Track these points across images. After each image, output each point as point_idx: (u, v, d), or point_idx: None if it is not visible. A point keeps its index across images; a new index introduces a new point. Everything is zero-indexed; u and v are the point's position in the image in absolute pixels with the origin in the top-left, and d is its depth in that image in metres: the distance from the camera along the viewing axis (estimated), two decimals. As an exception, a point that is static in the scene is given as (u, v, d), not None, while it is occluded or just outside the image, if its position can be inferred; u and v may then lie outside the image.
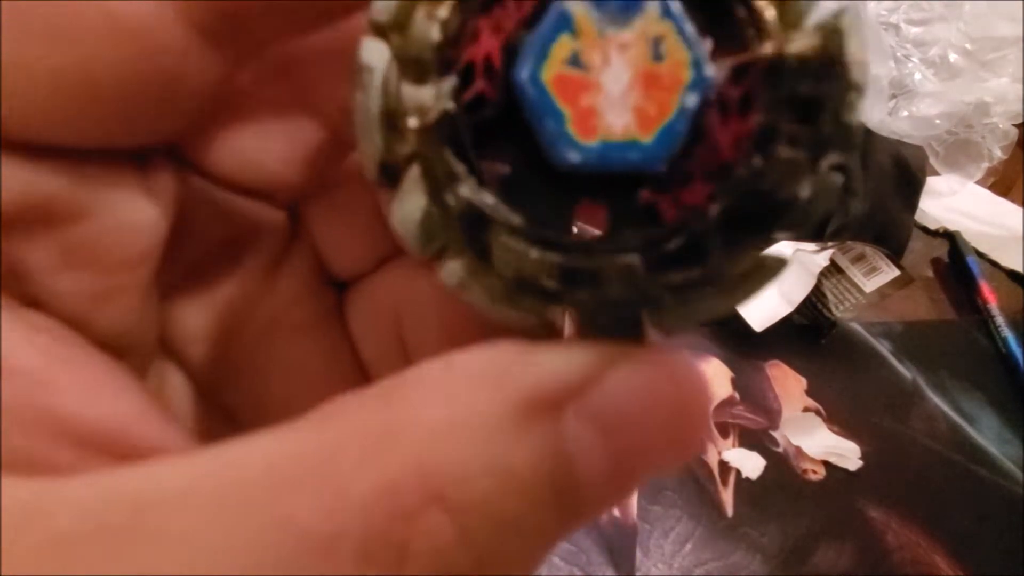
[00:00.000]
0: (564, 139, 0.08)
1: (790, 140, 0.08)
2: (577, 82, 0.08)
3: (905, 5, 0.55)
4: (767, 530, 0.33)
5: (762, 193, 0.08)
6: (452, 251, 0.09)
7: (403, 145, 0.08)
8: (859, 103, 0.08)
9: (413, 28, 0.08)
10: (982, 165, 0.55)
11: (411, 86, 0.08)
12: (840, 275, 0.43)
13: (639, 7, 0.08)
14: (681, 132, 0.08)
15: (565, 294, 0.09)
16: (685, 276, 0.09)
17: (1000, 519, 0.34)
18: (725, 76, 0.08)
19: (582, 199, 0.09)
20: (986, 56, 0.54)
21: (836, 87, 0.08)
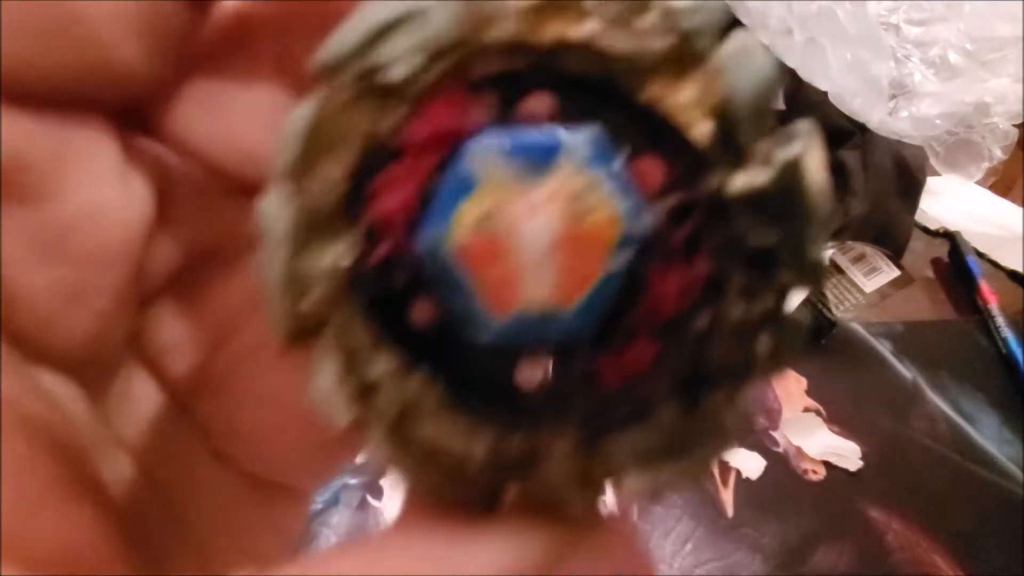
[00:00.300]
0: (475, 315, 0.07)
1: (743, 291, 0.07)
2: (488, 248, 0.07)
3: (905, 5, 0.55)
4: (767, 530, 0.33)
5: (710, 355, 0.07)
6: (371, 426, 0.08)
7: (308, 310, 0.08)
8: (823, 235, 0.07)
9: (309, 189, 0.07)
10: (982, 165, 0.55)
11: (314, 246, 0.07)
12: (840, 275, 0.43)
13: (555, 157, 0.07)
14: (608, 297, 0.07)
15: (501, 467, 0.08)
16: (635, 444, 0.08)
17: (1000, 519, 0.34)
18: (666, 217, 0.07)
19: (524, 355, 0.08)
20: (986, 56, 0.54)
21: (794, 226, 0.07)
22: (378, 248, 0.07)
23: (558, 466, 0.08)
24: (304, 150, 0.07)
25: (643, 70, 0.07)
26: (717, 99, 0.07)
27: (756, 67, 0.07)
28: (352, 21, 0.07)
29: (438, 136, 0.07)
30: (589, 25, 0.07)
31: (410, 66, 0.07)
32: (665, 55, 0.07)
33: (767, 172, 0.07)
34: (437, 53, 0.07)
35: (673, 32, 0.07)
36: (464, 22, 0.07)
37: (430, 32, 0.07)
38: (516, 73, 0.07)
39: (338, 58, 0.07)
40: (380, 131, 0.07)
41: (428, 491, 0.08)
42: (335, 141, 0.07)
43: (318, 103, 0.07)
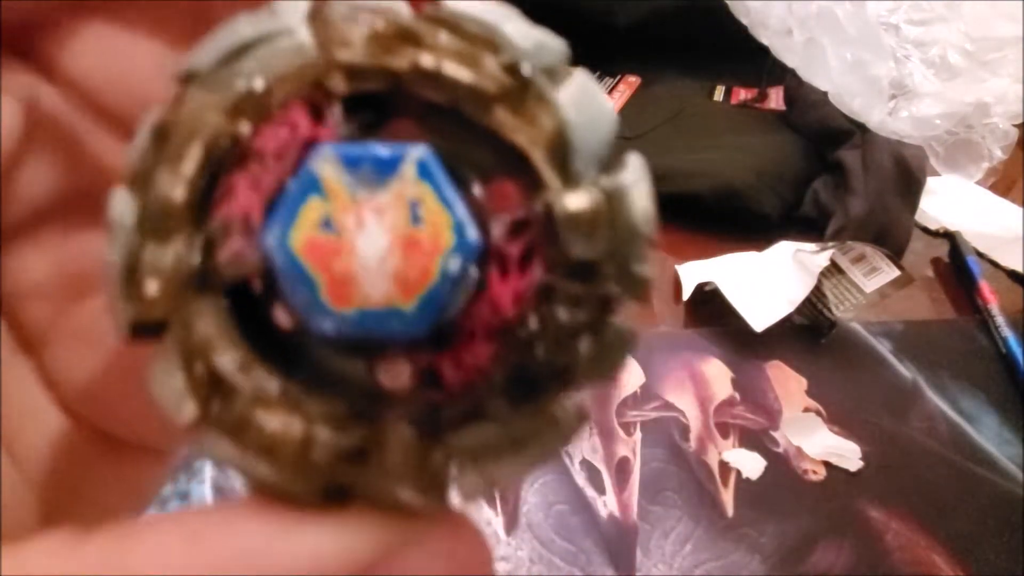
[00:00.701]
0: (317, 307, 0.08)
1: (571, 300, 0.08)
2: (330, 247, 0.08)
3: (905, 5, 0.55)
4: (767, 530, 0.33)
5: (541, 357, 0.08)
6: (213, 423, 0.08)
7: (148, 308, 0.08)
8: (646, 252, 0.08)
9: (156, 185, 0.08)
10: (982, 165, 0.55)
11: (153, 247, 0.08)
12: (840, 275, 0.43)
13: (394, 169, 0.08)
14: (445, 297, 0.08)
15: (344, 466, 0.08)
16: (474, 440, 0.08)
17: (1000, 519, 0.34)
18: (504, 230, 0.08)
19: (378, 356, 0.08)
20: (986, 56, 0.54)
21: (618, 244, 0.08)
22: (226, 246, 0.08)
23: (395, 458, 0.08)
24: (154, 150, 0.08)
25: (487, 100, 0.08)
26: (553, 130, 0.08)
27: (591, 105, 0.08)
28: (213, 38, 0.08)
29: (288, 145, 0.08)
30: (435, 57, 0.08)
31: (263, 81, 0.08)
32: (507, 88, 0.08)
33: (595, 196, 0.08)
34: (288, 71, 0.08)
35: (512, 71, 0.08)
36: (314, 45, 0.08)
37: (280, 52, 0.08)
38: (378, 94, 0.08)
39: (198, 69, 0.08)
40: (230, 138, 0.08)
41: (265, 487, 0.08)
42: (179, 146, 0.08)
43: (171, 107, 0.08)
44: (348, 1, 0.08)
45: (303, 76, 0.08)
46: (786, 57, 0.60)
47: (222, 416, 0.08)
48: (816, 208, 0.53)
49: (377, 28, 0.08)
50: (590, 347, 0.08)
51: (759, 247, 0.47)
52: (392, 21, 0.08)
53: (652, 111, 0.66)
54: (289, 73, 0.08)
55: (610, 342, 0.08)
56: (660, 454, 0.37)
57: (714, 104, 0.68)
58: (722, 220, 0.52)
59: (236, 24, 0.08)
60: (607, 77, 0.73)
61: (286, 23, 0.08)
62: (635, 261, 0.08)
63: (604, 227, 0.08)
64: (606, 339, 0.08)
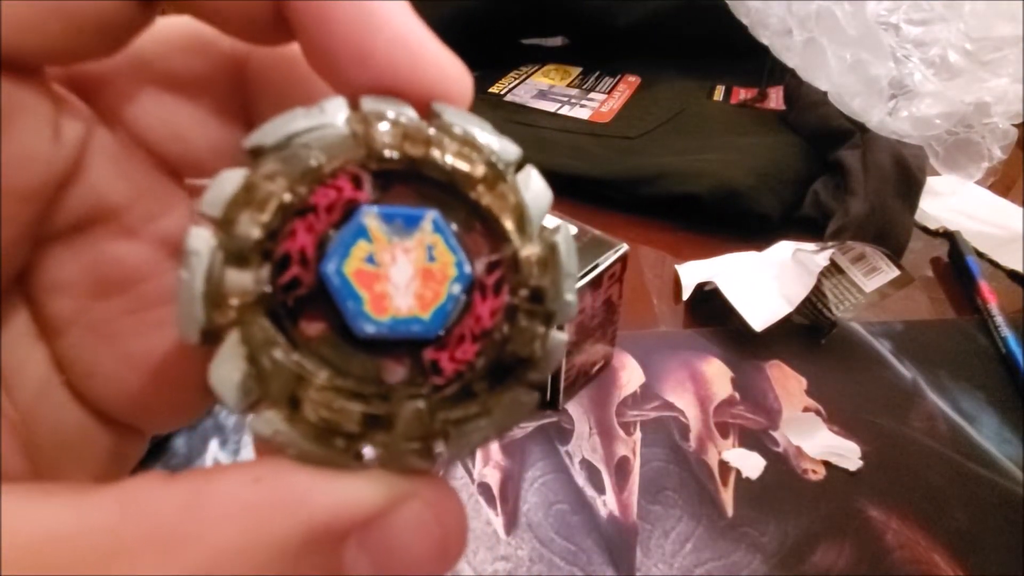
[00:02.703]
0: (362, 316, 0.11)
1: (528, 314, 0.12)
2: (372, 274, 0.11)
3: (905, 5, 0.55)
4: (767, 530, 0.33)
5: (510, 352, 0.12)
6: (266, 404, 0.11)
7: (222, 317, 0.10)
8: (573, 286, 0.12)
9: (238, 227, 0.11)
10: (982, 165, 0.55)
11: (234, 271, 0.10)
12: (840, 275, 0.43)
13: (417, 224, 0.11)
14: (451, 311, 0.11)
15: (367, 435, 0.11)
16: (462, 413, 0.11)
17: (999, 518, 0.34)
18: (484, 268, 0.12)
19: (387, 356, 0.11)
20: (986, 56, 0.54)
21: (555, 279, 0.12)
22: (288, 271, 0.11)
23: (407, 426, 0.11)
24: (235, 201, 0.11)
25: (473, 181, 0.12)
26: (515, 203, 0.12)
27: (537, 188, 0.12)
28: (275, 121, 0.11)
29: (335, 203, 0.11)
30: (441, 152, 0.12)
31: (321, 159, 0.11)
32: (486, 175, 0.12)
33: (541, 246, 0.12)
34: (338, 153, 0.11)
35: (490, 164, 0.12)
36: (355, 136, 0.11)
37: (331, 138, 0.11)
38: (397, 171, 0.11)
39: (263, 144, 0.11)
40: (294, 196, 0.11)
41: (307, 456, 0.10)
42: (261, 200, 0.11)
43: (248, 171, 0.11)
44: (372, 103, 0.11)
45: (349, 157, 0.11)
46: (786, 57, 0.60)
47: (280, 398, 0.11)
48: (816, 208, 0.53)
49: (403, 129, 0.11)
50: (540, 346, 0.12)
51: (759, 247, 0.47)
52: (411, 124, 0.11)
53: (652, 111, 0.66)
54: (338, 154, 0.11)
55: (552, 345, 0.12)
56: (660, 454, 0.37)
57: (714, 104, 0.68)
58: (722, 220, 0.52)
59: (295, 115, 0.11)
60: (607, 77, 0.73)
61: (332, 119, 0.11)
62: (566, 291, 0.12)
63: (548, 267, 0.12)
64: (549, 343, 0.12)
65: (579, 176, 0.55)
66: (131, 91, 0.13)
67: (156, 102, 0.13)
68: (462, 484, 0.35)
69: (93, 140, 0.13)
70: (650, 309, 0.47)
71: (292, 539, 0.09)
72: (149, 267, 0.14)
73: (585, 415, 0.38)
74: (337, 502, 0.10)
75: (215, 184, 0.11)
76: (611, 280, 0.36)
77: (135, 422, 0.14)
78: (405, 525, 0.11)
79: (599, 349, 0.39)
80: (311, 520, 0.10)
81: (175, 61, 0.13)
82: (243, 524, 0.09)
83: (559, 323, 0.12)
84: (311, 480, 0.10)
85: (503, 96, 0.69)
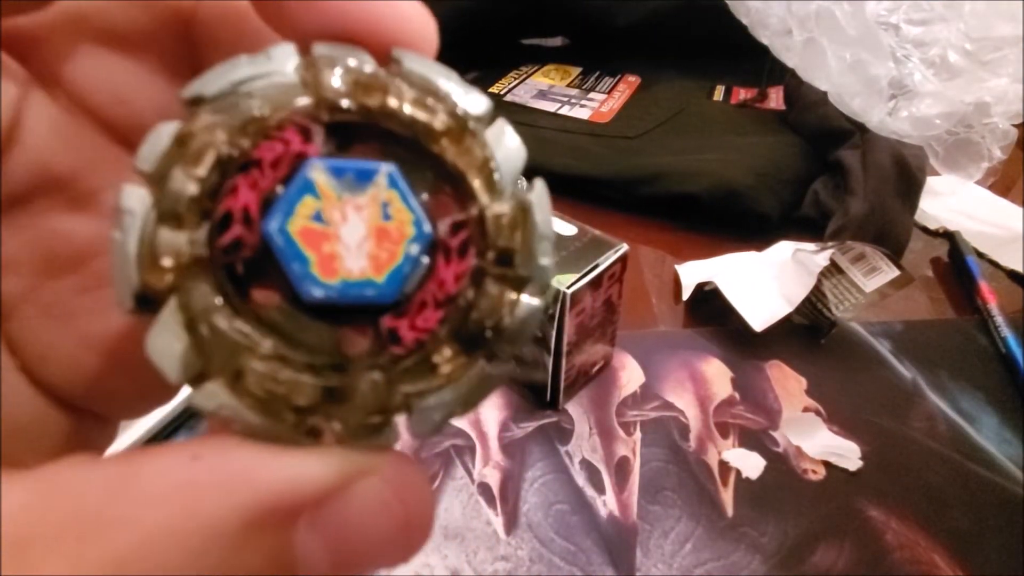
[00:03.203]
0: (308, 278, 0.10)
1: (496, 278, 0.11)
2: (320, 233, 0.10)
3: (905, 5, 0.55)
4: (767, 530, 0.33)
5: (475, 319, 0.11)
6: (209, 376, 0.10)
7: (158, 279, 0.10)
8: (549, 249, 0.11)
9: (171, 183, 0.10)
10: (982, 165, 0.55)
11: (168, 230, 0.10)
12: (840, 275, 0.43)
13: (371, 179, 0.10)
14: (408, 273, 0.10)
15: (320, 409, 0.10)
16: (424, 385, 0.10)
17: (1000, 519, 0.34)
18: (448, 229, 0.11)
19: (348, 326, 0.10)
20: (986, 56, 0.54)
21: (528, 241, 0.11)
22: (228, 231, 0.10)
23: (366, 398, 0.10)
24: (168, 155, 0.10)
25: (436, 135, 0.11)
26: (482, 159, 0.11)
27: (509, 142, 0.11)
28: (217, 71, 0.10)
29: (282, 157, 0.10)
30: (399, 101, 0.11)
31: (265, 109, 0.10)
32: (450, 127, 0.11)
33: (512, 205, 0.11)
34: (284, 102, 0.10)
35: (453, 115, 0.11)
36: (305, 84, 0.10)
37: (278, 87, 0.10)
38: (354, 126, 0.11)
39: (204, 94, 0.10)
40: (235, 149, 0.10)
41: (255, 432, 0.10)
42: (196, 153, 0.10)
43: (187, 122, 0.10)
44: (325, 49, 0.10)
45: (296, 107, 0.10)
46: (786, 57, 0.60)
47: (222, 368, 0.10)
48: (816, 208, 0.53)
49: (355, 75, 0.10)
50: (509, 315, 0.11)
51: (759, 247, 0.47)
52: (366, 71, 0.11)
53: (652, 111, 0.66)
54: (285, 104, 0.10)
55: (523, 313, 0.11)
56: (660, 454, 0.37)
57: (714, 104, 0.68)
58: (722, 220, 0.52)
59: (238, 62, 0.10)
60: (607, 77, 0.73)
61: (279, 66, 0.10)
62: (541, 254, 0.11)
63: (519, 228, 0.11)
64: (519, 311, 0.11)
65: (579, 176, 0.55)
66: (69, 49, 0.12)
67: (96, 61, 0.12)
68: (462, 484, 0.35)
69: (30, 104, 0.12)
70: (650, 309, 0.47)
71: (231, 520, 0.09)
72: (101, 242, 0.12)
73: (585, 415, 0.38)
74: (284, 479, 0.09)
75: (149, 138, 0.10)
76: (611, 280, 0.36)
77: (95, 407, 0.13)
78: (361, 504, 0.10)
79: (599, 349, 0.39)
80: (254, 499, 0.09)
81: (115, 15, 0.12)
82: (176, 505, 0.08)
83: (533, 290, 0.11)
84: (255, 456, 0.09)
85: (503, 96, 0.69)
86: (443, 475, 0.35)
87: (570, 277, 0.33)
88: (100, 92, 0.12)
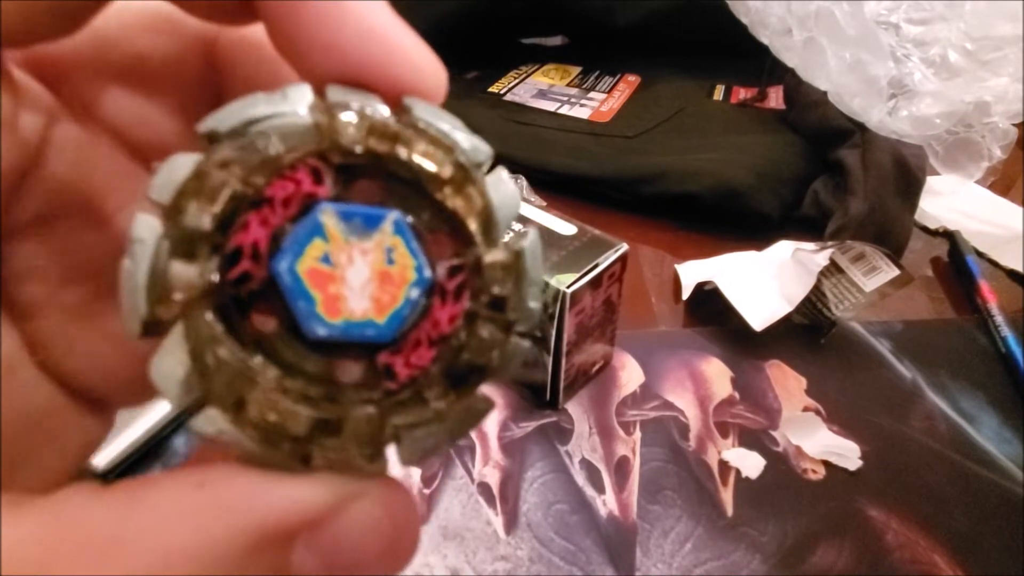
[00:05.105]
0: (313, 317, 0.10)
1: (489, 321, 0.11)
2: (326, 275, 0.10)
3: (905, 5, 0.55)
4: (767, 529, 0.33)
5: (466, 360, 0.11)
6: (210, 402, 0.10)
7: (166, 311, 0.10)
8: (538, 294, 0.12)
9: (186, 217, 0.10)
10: (982, 165, 0.55)
11: (180, 263, 0.10)
12: (840, 275, 0.43)
13: (377, 225, 0.11)
14: (407, 316, 0.11)
15: (314, 439, 0.10)
16: (415, 418, 0.11)
17: (1000, 519, 0.34)
18: (445, 272, 0.11)
19: (341, 358, 0.11)
20: (986, 56, 0.53)
21: (518, 285, 0.11)
22: (238, 266, 0.10)
23: (358, 429, 0.11)
24: (184, 189, 0.10)
25: (440, 182, 0.11)
26: (482, 206, 0.11)
27: (507, 191, 0.12)
28: (233, 105, 0.10)
29: (293, 197, 0.10)
30: (408, 150, 0.11)
31: (279, 149, 0.10)
32: (453, 176, 0.11)
33: (505, 252, 0.12)
34: (298, 144, 0.11)
35: (457, 164, 0.11)
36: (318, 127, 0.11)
37: (292, 128, 0.11)
38: (361, 165, 0.11)
39: (219, 129, 0.10)
40: (249, 187, 0.10)
41: (251, 457, 0.10)
42: (212, 189, 0.10)
43: (201, 157, 0.10)
44: (339, 93, 0.11)
45: (309, 148, 0.11)
46: (785, 56, 0.60)
47: (224, 397, 0.10)
48: (816, 208, 0.53)
49: (368, 122, 0.11)
50: (498, 355, 0.11)
51: (759, 247, 0.47)
52: (378, 117, 0.11)
53: (652, 111, 0.66)
54: (299, 145, 0.11)
55: (510, 352, 0.12)
56: (660, 453, 0.37)
57: (714, 104, 0.68)
58: (722, 220, 0.52)
59: (255, 100, 0.10)
60: (607, 76, 0.73)
61: (295, 107, 0.11)
62: (530, 298, 0.12)
63: (511, 274, 0.12)
64: (508, 350, 0.12)
65: (579, 175, 0.55)
66: (96, 75, 0.13)
67: (122, 86, 0.13)
68: (462, 484, 0.35)
69: (56, 130, 0.12)
70: (650, 309, 0.46)
71: (237, 541, 0.09)
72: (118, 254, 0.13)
73: (585, 415, 0.38)
74: (283, 504, 0.10)
75: (164, 168, 0.10)
76: (611, 280, 0.36)
77: (109, 395, 0.14)
78: (353, 524, 0.10)
79: (599, 349, 0.39)
80: (257, 522, 0.10)
81: (140, 43, 0.13)
82: (185, 529, 0.09)
83: (521, 331, 0.12)
84: (256, 483, 0.10)
85: (503, 95, 0.68)
86: (443, 475, 0.35)
87: (570, 277, 0.33)
88: (124, 115, 0.13)
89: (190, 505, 0.09)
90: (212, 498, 0.09)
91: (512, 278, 0.11)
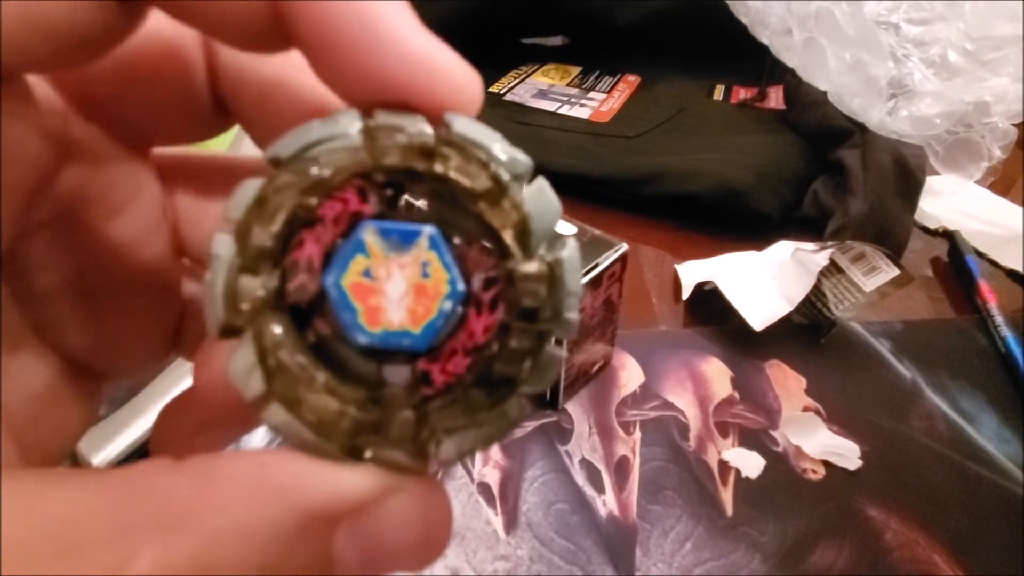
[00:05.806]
0: (356, 327, 0.11)
1: (520, 332, 0.12)
2: (368, 288, 0.12)
3: (905, 5, 0.55)
4: (767, 529, 0.33)
5: (499, 370, 0.12)
6: (273, 398, 0.11)
7: (238, 318, 0.11)
8: (576, 304, 0.12)
9: (251, 238, 0.11)
10: (982, 165, 0.55)
11: (247, 277, 0.11)
12: (840, 275, 0.43)
13: (413, 241, 0.12)
14: (440, 326, 0.12)
15: (359, 437, 0.11)
16: (451, 423, 0.12)
17: (999, 519, 0.34)
18: (480, 284, 0.12)
19: (387, 363, 0.12)
20: (986, 56, 0.53)
21: (555, 297, 0.12)
22: (295, 279, 0.12)
23: (397, 432, 0.12)
24: (251, 213, 0.11)
25: (476, 196, 0.12)
26: (518, 218, 0.12)
27: (545, 202, 0.12)
28: (292, 132, 0.12)
29: (342, 214, 0.12)
30: (444, 167, 0.12)
31: (329, 171, 0.12)
32: (490, 189, 0.12)
33: (542, 265, 0.12)
34: (346, 165, 0.12)
35: (495, 178, 0.12)
36: (364, 148, 0.12)
37: (341, 150, 0.12)
38: (404, 183, 0.12)
39: (280, 156, 0.12)
40: (303, 208, 0.11)
41: (306, 446, 0.11)
42: (271, 212, 0.11)
43: (265, 181, 0.11)
44: (384, 116, 0.12)
45: (355, 170, 0.12)
46: (785, 57, 0.60)
47: (284, 394, 0.11)
48: (816, 208, 0.53)
49: (409, 142, 0.12)
50: (530, 365, 0.12)
51: (759, 247, 0.47)
52: (418, 136, 0.12)
53: (652, 111, 0.66)
54: (347, 167, 0.12)
55: (544, 362, 0.12)
56: (660, 453, 0.37)
57: (714, 104, 0.68)
58: (722, 220, 0.52)
59: (310, 126, 0.12)
60: (607, 76, 0.73)
61: (344, 130, 0.12)
62: (567, 310, 0.12)
63: (548, 285, 0.12)
64: (541, 360, 0.12)
65: (579, 175, 0.55)
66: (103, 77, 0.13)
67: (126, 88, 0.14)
68: (462, 484, 0.35)
69: (70, 132, 0.13)
70: (650, 308, 0.47)
71: (289, 522, 0.10)
72: (126, 243, 0.15)
73: (585, 415, 0.38)
74: (331, 489, 0.11)
75: (237, 192, 0.12)
76: (611, 280, 0.36)
77: (107, 370, 0.16)
78: (392, 516, 0.11)
79: (599, 349, 0.39)
80: (308, 503, 0.10)
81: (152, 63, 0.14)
82: (246, 506, 0.10)
83: (556, 340, 0.12)
84: (308, 468, 0.11)
85: (503, 95, 0.69)
86: (443, 474, 0.35)
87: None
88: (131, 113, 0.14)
89: (253, 484, 0.10)
90: (271, 478, 0.10)
91: (547, 289, 0.12)
